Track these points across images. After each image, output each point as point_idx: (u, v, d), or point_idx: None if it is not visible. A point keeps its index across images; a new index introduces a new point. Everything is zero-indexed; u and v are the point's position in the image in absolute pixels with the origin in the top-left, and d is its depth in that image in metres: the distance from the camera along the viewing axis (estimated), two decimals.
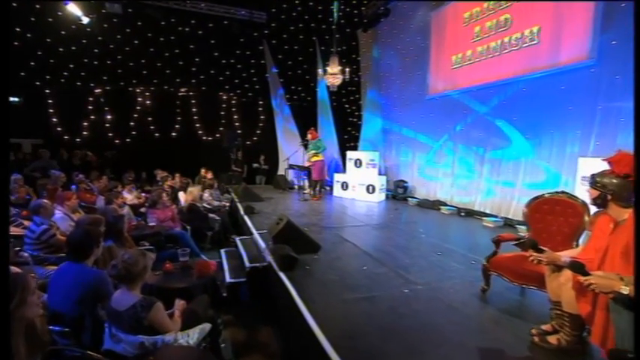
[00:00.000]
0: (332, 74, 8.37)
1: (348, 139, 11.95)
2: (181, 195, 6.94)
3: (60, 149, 9.84)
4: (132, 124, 11.08)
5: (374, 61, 10.64)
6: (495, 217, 6.17)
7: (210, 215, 5.97)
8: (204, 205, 6.20)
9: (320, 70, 8.47)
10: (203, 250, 5.50)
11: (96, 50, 10.26)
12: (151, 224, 4.74)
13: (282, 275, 3.56)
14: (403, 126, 9.54)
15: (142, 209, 6.12)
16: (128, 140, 11.07)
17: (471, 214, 6.84)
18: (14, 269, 3.25)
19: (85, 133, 10.74)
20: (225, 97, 11.93)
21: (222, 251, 5.02)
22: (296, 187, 10.50)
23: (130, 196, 6.52)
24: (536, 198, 3.32)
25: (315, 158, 8.49)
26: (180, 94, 11.41)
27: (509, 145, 6.17)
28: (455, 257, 4.28)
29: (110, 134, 10.93)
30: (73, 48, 10.03)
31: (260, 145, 12.00)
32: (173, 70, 11.01)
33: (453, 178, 7.64)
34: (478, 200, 6.90)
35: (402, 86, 9.53)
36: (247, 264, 4.17)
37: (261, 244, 4.56)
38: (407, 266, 3.92)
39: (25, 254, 3.87)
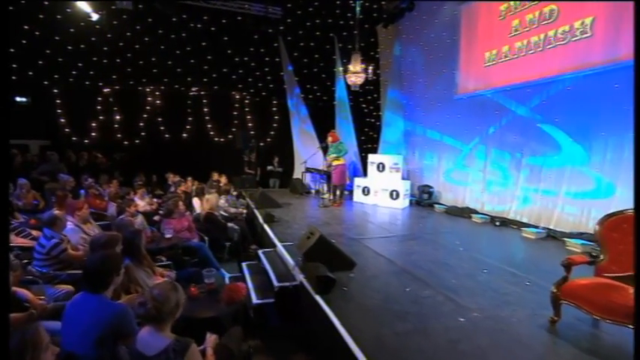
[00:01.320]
0: (354, 73, 8.03)
1: (365, 141, 11.61)
2: (196, 202, 6.67)
3: (67, 151, 9.65)
4: (141, 124, 10.87)
5: (395, 58, 10.29)
6: (535, 227, 5.78)
7: (229, 225, 5.65)
8: (221, 212, 5.90)
9: (341, 68, 8.13)
10: (220, 262, 5.23)
11: (105, 48, 10.07)
12: (167, 236, 4.45)
13: (319, 299, 3.25)
14: (427, 127, 9.19)
15: (156, 217, 5.85)
16: (137, 141, 10.87)
17: (506, 223, 6.46)
18: (24, 292, 3.00)
19: (93, 134, 10.56)
20: (237, 97, 11.66)
21: (244, 265, 4.74)
22: (313, 191, 10.30)
23: (141, 203, 6.26)
24: (613, 215, 2.95)
25: (336, 162, 8.20)
26: (191, 93, 11.19)
27: (553, 150, 5.76)
28: (504, 276, 3.93)
29: (119, 135, 10.74)
30: (82, 46, 9.85)
31: (274, 147, 11.73)
32: (184, 69, 10.78)
33: (484, 185, 7.27)
34: (513, 208, 6.51)
35: (427, 85, 9.17)
36: (276, 283, 3.86)
37: (289, 260, 4.26)
38: (454, 287, 3.57)
39: (34, 270, 3.62)
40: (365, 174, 10.26)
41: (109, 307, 2.09)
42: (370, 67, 8.18)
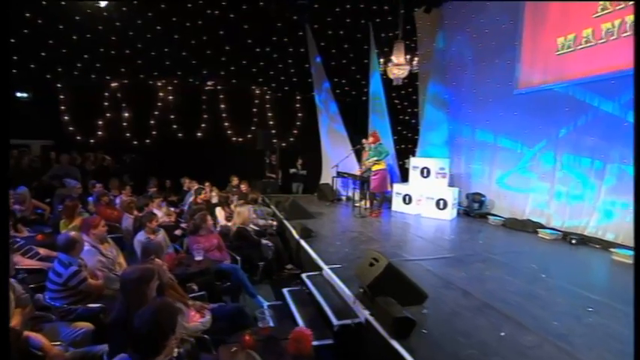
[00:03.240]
0: (397, 65, 7.54)
1: (398, 141, 11.11)
2: (219, 212, 6.28)
3: (72, 152, 9.39)
4: (152, 122, 10.66)
5: (437, 47, 9.75)
6: (628, 248, 5.19)
7: (263, 241, 5.25)
8: (251, 226, 5.50)
9: (381, 60, 7.66)
10: (253, 285, 4.81)
11: (113, 38, 9.85)
12: (198, 258, 4.04)
13: (397, 345, 2.80)
14: (476, 127, 8.69)
15: (177, 232, 5.48)
16: (147, 142, 10.68)
17: (584, 241, 5.88)
18: (37, 337, 2.59)
19: (99, 133, 10.40)
20: (258, 92, 11.43)
21: (286, 292, 4.30)
22: (343, 198, 9.92)
23: (159, 214, 5.88)
24: None
25: (376, 167, 7.79)
26: (207, 88, 10.97)
27: None
28: (620, 318, 3.39)
29: (128, 134, 10.55)
30: (88, 36, 9.65)
31: (297, 148, 11.41)
32: (200, 61, 10.52)
33: (551, 195, 6.72)
34: (592, 224, 5.95)
35: (476, 79, 8.65)
36: (334, 320, 3.41)
37: (345, 291, 3.82)
38: (561, 333, 3.07)
39: (46, 302, 3.25)
40: (403, 179, 9.85)
41: None
42: (416, 58, 7.67)
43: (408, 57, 7.68)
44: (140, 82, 10.47)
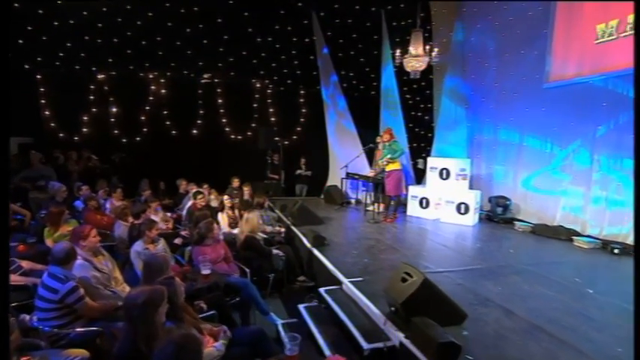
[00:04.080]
0: (415, 57, 7.33)
1: (409, 139, 10.92)
2: (222, 218, 6.06)
3: (54, 150, 9.14)
4: (143, 118, 10.43)
5: (455, 37, 9.57)
6: None
7: (274, 251, 5.04)
8: (260, 234, 5.28)
9: (398, 51, 7.43)
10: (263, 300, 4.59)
11: (100, 25, 9.55)
12: (205, 272, 3.80)
13: None
14: (499, 124, 8.56)
15: (177, 240, 5.25)
16: (138, 139, 10.46)
17: (627, 250, 5.68)
18: None
19: (84, 130, 10.18)
20: (259, 86, 11.24)
21: (303, 309, 4.12)
22: (352, 201, 9.83)
23: (155, 219, 5.63)
24: None
25: (391, 166, 7.61)
26: (203, 81, 10.79)
27: None
28: None
29: (116, 131, 10.31)
30: (72, 22, 9.35)
31: (301, 146, 11.24)
32: (195, 51, 10.30)
33: (587, 200, 6.54)
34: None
35: (500, 71, 8.51)
36: (364, 343, 3.21)
37: (373, 310, 3.63)
38: None
39: (34, 324, 3.02)
40: (417, 181, 9.67)
41: None
42: (435, 49, 7.45)
43: (428, 47, 7.44)
44: (130, 74, 10.25)
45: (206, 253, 4.19)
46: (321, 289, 4.35)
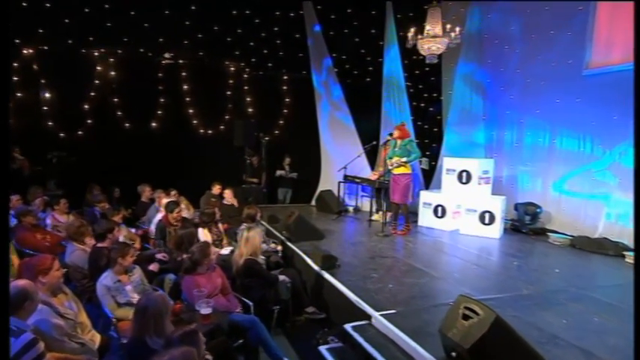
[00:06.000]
0: (432, 37, 7.10)
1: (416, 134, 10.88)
2: (203, 234, 5.62)
3: None
4: (86, 107, 9.81)
5: (470, 16, 9.52)
6: None
7: (281, 278, 4.68)
8: (261, 257, 4.91)
9: (412, 30, 7.16)
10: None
11: None
12: (205, 312, 3.37)
13: None
14: (524, 118, 8.66)
15: (152, 267, 4.79)
16: (80, 133, 9.83)
17: None
18: None
19: (9, 120, 9.30)
20: (233, 69, 10.88)
21: (326, 352, 3.82)
22: (350, 209, 9.76)
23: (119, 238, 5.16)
24: None
25: (401, 170, 7.41)
26: (164, 62, 10.34)
27: None
28: None
29: (50, 123, 9.63)
30: None
31: (284, 143, 11.02)
32: (154, 25, 9.83)
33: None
34: None
35: (525, 56, 8.56)
36: None
37: (420, 351, 3.38)
38: None
39: None
40: (426, 186, 9.55)
41: None
42: (457, 28, 7.23)
43: (450, 26, 7.22)
44: (68, 50, 9.65)
45: (200, 284, 3.78)
46: (347, 326, 4.03)
